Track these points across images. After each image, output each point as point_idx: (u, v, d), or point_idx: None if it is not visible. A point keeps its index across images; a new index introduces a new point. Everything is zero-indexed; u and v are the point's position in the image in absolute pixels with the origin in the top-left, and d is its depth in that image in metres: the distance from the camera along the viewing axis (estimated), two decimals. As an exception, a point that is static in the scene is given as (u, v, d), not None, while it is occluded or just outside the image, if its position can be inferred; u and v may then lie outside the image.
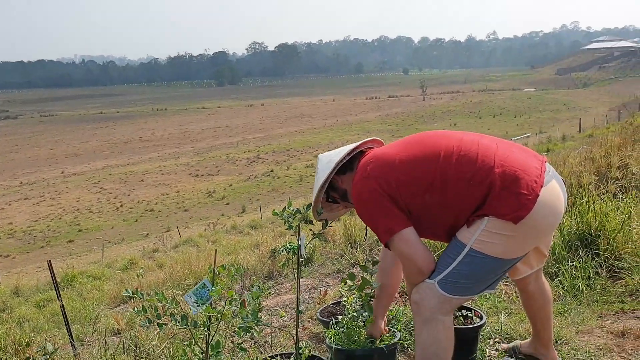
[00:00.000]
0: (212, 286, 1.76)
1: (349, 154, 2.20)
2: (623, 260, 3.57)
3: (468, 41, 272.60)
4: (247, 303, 1.77)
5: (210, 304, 1.73)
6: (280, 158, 46.29)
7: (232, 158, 48.16)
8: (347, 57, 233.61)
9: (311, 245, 7.06)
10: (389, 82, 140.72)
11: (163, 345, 2.94)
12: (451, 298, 1.98)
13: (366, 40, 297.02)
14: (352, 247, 6.50)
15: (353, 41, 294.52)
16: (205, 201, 34.39)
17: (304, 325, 3.53)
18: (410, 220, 2.00)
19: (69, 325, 4.99)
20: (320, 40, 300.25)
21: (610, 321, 2.94)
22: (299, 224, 2.13)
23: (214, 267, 1.79)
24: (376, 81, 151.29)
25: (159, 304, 1.69)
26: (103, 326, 6.08)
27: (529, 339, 2.59)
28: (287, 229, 2.17)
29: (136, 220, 31.05)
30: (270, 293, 5.40)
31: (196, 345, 1.81)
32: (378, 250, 6.11)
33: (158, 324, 1.69)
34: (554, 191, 1.95)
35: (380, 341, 2.30)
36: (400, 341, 2.52)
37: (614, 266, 3.57)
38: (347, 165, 2.21)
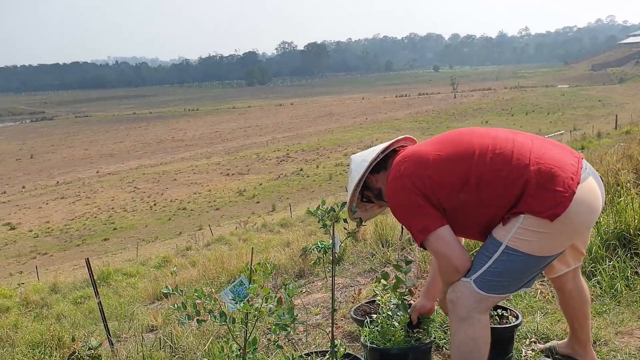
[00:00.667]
0: (249, 284, 1.79)
1: (382, 152, 2.21)
2: (664, 260, 3.49)
3: (499, 37, 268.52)
4: (283, 300, 1.80)
5: (248, 301, 1.76)
6: (310, 157, 46.37)
7: (262, 157, 48.44)
8: (376, 55, 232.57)
9: (342, 245, 7.08)
10: (419, 80, 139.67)
11: (202, 343, 2.99)
12: (487, 297, 1.97)
13: (396, 37, 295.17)
14: (383, 246, 6.49)
15: (382, 39, 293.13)
16: (236, 200, 34.70)
17: (337, 324, 3.55)
18: (445, 219, 1.99)
19: (106, 322, 5.11)
20: (350, 38, 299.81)
21: (650, 322, 2.87)
22: (333, 223, 2.14)
23: (251, 265, 1.82)
24: (406, 79, 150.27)
25: (198, 301, 1.73)
26: (139, 323, 6.21)
27: (566, 339, 2.56)
28: (321, 228, 2.19)
29: (169, 219, 31.51)
30: (301, 291, 5.43)
31: (234, 342, 1.84)
32: (410, 249, 6.09)
33: (197, 320, 1.73)
34: (591, 188, 1.92)
35: (415, 340, 2.30)
36: (435, 340, 2.51)
37: (654, 266, 3.49)
38: (380, 164, 2.22)
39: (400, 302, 2.27)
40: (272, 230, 20.44)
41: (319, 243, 6.28)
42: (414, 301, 2.44)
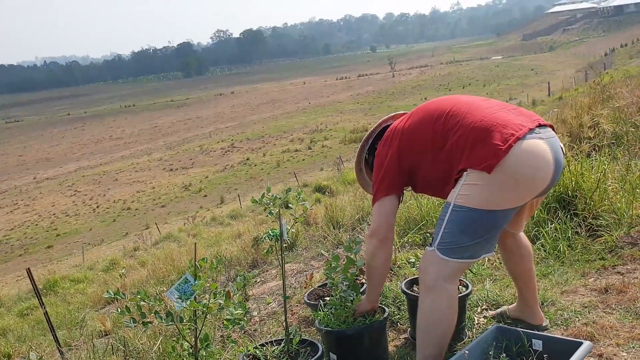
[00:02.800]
0: (195, 280, 1.73)
1: (379, 124, 2.49)
2: (601, 218, 3.62)
3: (433, 14, 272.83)
4: (231, 294, 1.75)
5: (195, 298, 1.70)
6: (255, 145, 45.96)
7: (206, 149, 47.67)
8: (313, 39, 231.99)
9: (294, 230, 7.06)
10: (357, 61, 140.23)
11: (155, 344, 2.90)
12: (449, 261, 2.03)
13: (331, 20, 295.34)
14: (334, 228, 6.50)
15: (318, 22, 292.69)
16: (182, 195, 34.09)
17: (292, 310, 3.52)
18: (410, 184, 2.28)
19: (54, 331, 4.92)
20: (286, 23, 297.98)
21: (593, 279, 2.98)
22: (279, 210, 2.10)
23: (195, 261, 1.76)
24: (345, 61, 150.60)
25: (142, 303, 1.66)
26: (90, 329, 6.02)
27: (515, 304, 2.62)
28: (267, 216, 2.15)
29: (114, 220, 30.69)
30: (255, 281, 5.38)
31: (184, 341, 1.78)
32: (360, 229, 6.13)
33: (143, 322, 1.66)
34: (536, 146, 1.97)
35: (369, 319, 2.30)
36: (389, 317, 2.52)
37: (592, 225, 3.62)
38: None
39: (352, 282, 2.26)
40: (223, 222, 20.22)
41: (270, 231, 6.22)
42: (365, 281, 2.45)
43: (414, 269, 2.74)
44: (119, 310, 1.65)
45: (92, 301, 9.50)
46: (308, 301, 2.65)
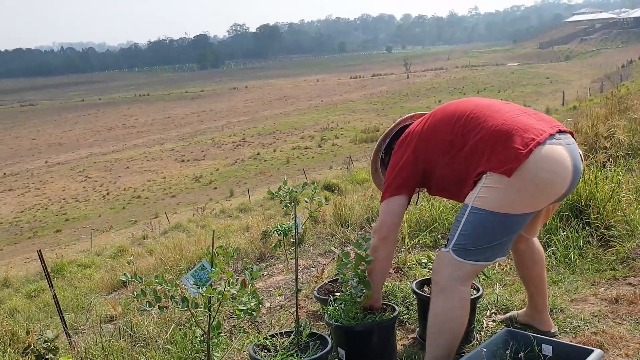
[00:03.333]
0: (211, 267, 1.75)
1: (397, 124, 2.50)
2: (613, 229, 3.61)
3: (450, 17, 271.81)
4: (247, 283, 1.77)
5: (210, 285, 1.72)
6: (266, 140, 46.02)
7: (218, 142, 47.80)
8: (329, 37, 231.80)
9: (303, 227, 7.07)
10: (372, 61, 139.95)
11: (164, 331, 2.93)
12: (464, 263, 2.03)
13: (348, 19, 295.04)
14: (342, 227, 6.52)
15: (335, 20, 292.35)
16: (193, 186, 34.22)
17: (300, 304, 3.54)
18: (422, 185, 2.29)
19: (62, 314, 4.96)
20: (302, 20, 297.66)
21: (603, 288, 2.98)
22: (295, 204, 2.12)
23: (212, 249, 1.78)
24: (360, 60, 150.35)
25: (158, 287, 1.68)
26: (97, 314, 6.07)
27: (524, 309, 2.63)
28: (283, 208, 2.16)
29: (123, 208, 30.86)
30: (262, 275, 5.41)
31: (197, 327, 1.80)
32: (368, 228, 6.13)
33: (159, 307, 1.68)
34: (555, 151, 1.97)
35: (379, 315, 2.32)
36: (398, 316, 2.53)
37: (604, 235, 3.61)
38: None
39: (362, 278, 2.27)
40: (231, 215, 20.29)
41: (279, 226, 6.25)
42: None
43: (425, 270, 2.75)
44: (135, 293, 1.67)
45: (99, 287, 9.56)
46: (318, 295, 2.66)
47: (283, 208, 2.19)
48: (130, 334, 3.50)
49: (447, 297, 2.05)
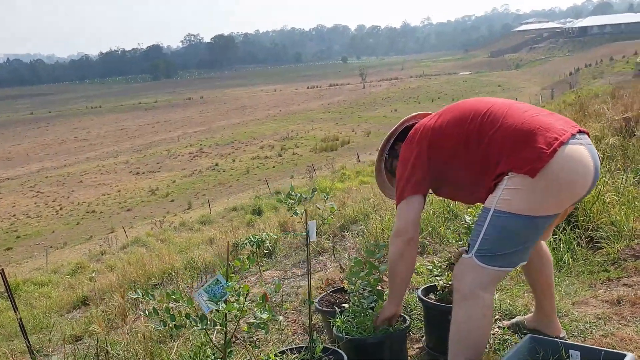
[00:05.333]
0: (227, 281, 1.61)
1: (401, 124, 2.39)
2: (601, 230, 3.63)
3: (403, 27, 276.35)
4: (268, 296, 1.63)
5: (226, 300, 1.58)
6: (225, 151, 45.51)
7: (174, 153, 46.97)
8: (285, 47, 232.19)
9: (275, 236, 6.93)
10: (328, 71, 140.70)
11: (145, 349, 2.74)
12: (487, 268, 1.95)
13: (303, 29, 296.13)
14: (316, 236, 6.38)
15: (290, 30, 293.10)
16: (149, 199, 33.45)
17: (288, 318, 3.40)
18: (439, 185, 2.20)
19: (27, 335, 4.67)
20: (257, 30, 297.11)
21: (602, 290, 2.96)
22: (305, 210, 2.00)
23: (227, 260, 1.64)
24: (316, 70, 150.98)
25: (171, 305, 1.53)
26: (62, 334, 5.77)
27: (532, 314, 2.57)
28: (292, 216, 2.04)
29: (78, 223, 29.89)
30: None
31: (209, 346, 1.66)
32: (342, 236, 6.05)
33: (175, 326, 1.52)
34: (578, 151, 1.92)
35: (391, 326, 2.21)
36: (410, 327, 2.43)
37: (593, 236, 3.63)
38: (400, 137, 2.37)
39: (374, 288, 2.17)
40: (192, 228, 19.90)
41: (251, 237, 6.03)
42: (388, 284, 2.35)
43: (431, 277, 2.65)
44: (146, 312, 1.52)
45: (59, 305, 9.16)
46: (320, 307, 2.54)
47: (292, 216, 2.07)
48: (105, 353, 3.29)
49: (470, 305, 1.96)
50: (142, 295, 1.52)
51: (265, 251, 6.42)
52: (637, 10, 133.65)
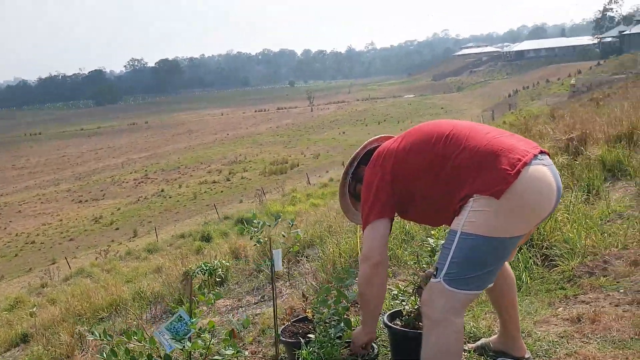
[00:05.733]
0: (190, 318, 1.51)
1: (364, 147, 2.37)
2: (555, 248, 3.70)
3: (348, 52, 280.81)
4: (236, 332, 1.54)
5: (189, 338, 1.48)
6: (171, 176, 44.64)
7: (118, 180, 45.75)
8: (232, 71, 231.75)
9: (227, 263, 6.76)
10: (276, 95, 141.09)
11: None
12: (457, 293, 1.93)
13: (250, 53, 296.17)
14: (269, 261, 6.26)
15: (237, 55, 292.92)
16: (92, 228, 32.32)
17: (248, 348, 3.28)
18: (404, 208, 2.15)
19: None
20: (203, 54, 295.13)
21: (561, 308, 2.99)
22: (270, 239, 1.92)
23: (190, 295, 1.54)
24: (263, 94, 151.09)
25: (131, 346, 1.41)
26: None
27: (496, 335, 2.56)
28: (255, 245, 1.95)
29: (16, 255, 28.51)
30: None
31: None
32: (297, 260, 5.95)
33: (136, 370, 1.41)
34: (540, 172, 1.93)
35: (358, 357, 2.15)
36: (378, 354, 2.37)
37: (547, 254, 3.68)
38: (364, 160, 2.35)
39: (342, 317, 2.10)
40: (139, 257, 19.31)
41: (203, 265, 5.87)
42: (351, 316, 2.29)
43: (397, 302, 2.61)
44: (104, 354, 1.39)
45: (-5, 344, 8.62)
46: (284, 339, 2.44)
47: (255, 245, 1.98)
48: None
49: (442, 332, 1.92)
50: (100, 337, 1.40)
51: (217, 279, 6.25)
52: (568, 35, 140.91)
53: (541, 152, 2.00)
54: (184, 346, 1.43)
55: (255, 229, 1.97)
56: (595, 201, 4.78)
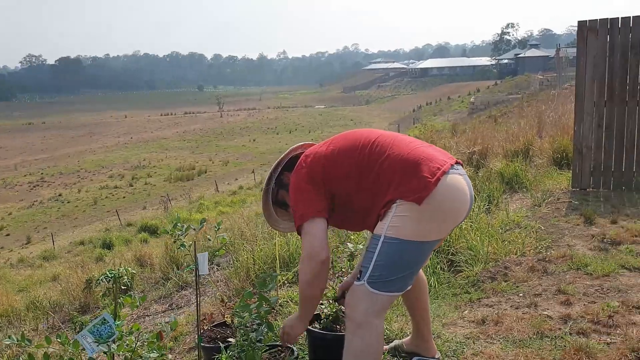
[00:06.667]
0: (115, 321, 1.47)
1: (288, 154, 2.39)
2: (460, 254, 3.91)
3: (260, 59, 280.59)
4: (164, 335, 1.51)
5: (114, 341, 1.44)
6: (70, 180, 42.31)
7: (10, 183, 42.74)
8: (138, 72, 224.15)
9: (133, 271, 6.52)
10: (184, 99, 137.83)
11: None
12: (380, 295, 2.00)
13: (157, 55, 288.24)
14: (178, 269, 6.16)
15: (143, 56, 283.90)
16: (-22, 234, 29.97)
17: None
18: (331, 212, 2.16)
19: None
20: (107, 54, 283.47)
21: (466, 311, 3.17)
22: (194, 242, 1.90)
23: (115, 299, 1.50)
24: (171, 97, 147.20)
25: (51, 350, 1.35)
26: None
27: (409, 337, 2.67)
28: (178, 248, 1.93)
29: None
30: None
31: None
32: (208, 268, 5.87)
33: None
34: (457, 181, 2.06)
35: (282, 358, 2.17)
36: (298, 357, 2.40)
37: (453, 260, 3.89)
38: (289, 166, 2.35)
39: (264, 320, 2.11)
40: (33, 264, 18.14)
41: (108, 272, 5.68)
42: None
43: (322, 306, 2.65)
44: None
45: None
46: (202, 344, 2.41)
47: (178, 249, 1.95)
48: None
49: (364, 334, 1.99)
50: (18, 341, 1.33)
51: (122, 287, 6.02)
52: (469, 56, 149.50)
53: (456, 162, 2.13)
54: (109, 349, 1.39)
55: (180, 232, 1.94)
56: (496, 211, 5.11)
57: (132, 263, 8.44)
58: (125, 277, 6.41)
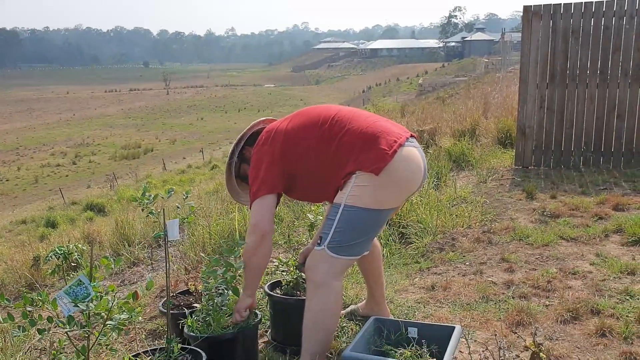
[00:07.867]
0: (91, 282, 1.52)
1: (250, 128, 2.48)
2: (410, 227, 4.09)
3: (208, 36, 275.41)
4: (139, 295, 1.58)
5: (90, 301, 1.50)
6: (8, 158, 40.64)
7: (-58, 160, 40.77)
8: (80, 47, 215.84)
9: (84, 248, 6.45)
10: (128, 76, 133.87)
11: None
12: (339, 258, 2.13)
13: (100, 30, 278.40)
14: (129, 246, 6.13)
15: (86, 30, 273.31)
16: None
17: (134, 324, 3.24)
18: (290, 186, 2.29)
19: None
20: (47, 27, 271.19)
21: (417, 279, 3.35)
22: (163, 209, 1.96)
23: (92, 261, 1.56)
24: (115, 73, 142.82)
25: (29, 309, 1.40)
26: None
27: (364, 302, 2.82)
28: (146, 216, 1.98)
29: None
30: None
31: (63, 354, 1.54)
32: (158, 246, 5.88)
33: (38, 330, 1.39)
34: (412, 153, 2.19)
35: (245, 322, 2.26)
36: (262, 320, 2.50)
37: (404, 233, 4.07)
38: (251, 141, 2.44)
39: (230, 285, 2.21)
40: (-30, 244, 17.43)
41: (57, 249, 5.64)
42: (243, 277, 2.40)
43: (278, 272, 2.76)
44: (1, 318, 1.36)
45: None
46: (164, 310, 2.47)
47: (148, 215, 2.00)
48: None
49: (323, 294, 2.11)
50: (-2, 300, 1.37)
51: (72, 264, 5.95)
52: (418, 37, 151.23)
53: (411, 136, 2.27)
54: (87, 308, 1.45)
55: (148, 201, 2.00)
56: (444, 187, 5.33)
57: (80, 241, 8.30)
58: (75, 253, 6.35)
